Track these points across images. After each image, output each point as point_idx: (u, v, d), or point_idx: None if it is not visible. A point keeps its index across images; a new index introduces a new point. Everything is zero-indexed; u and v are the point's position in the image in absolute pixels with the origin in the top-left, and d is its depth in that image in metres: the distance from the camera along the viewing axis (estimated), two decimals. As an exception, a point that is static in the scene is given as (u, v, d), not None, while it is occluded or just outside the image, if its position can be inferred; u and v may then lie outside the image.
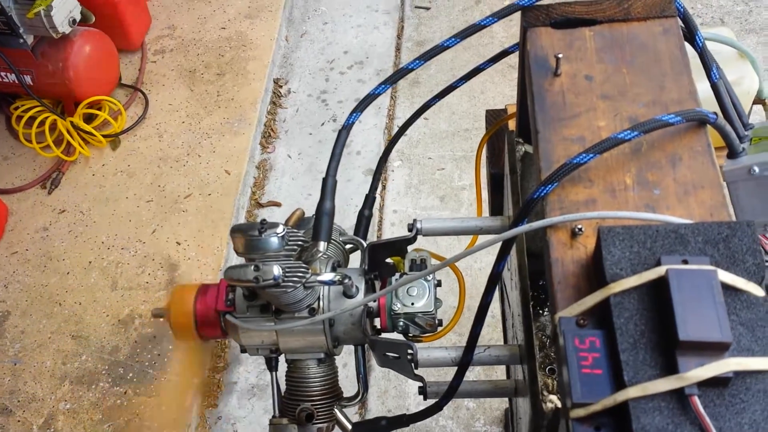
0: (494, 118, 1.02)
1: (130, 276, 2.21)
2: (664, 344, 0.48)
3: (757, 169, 0.66)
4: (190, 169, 2.47)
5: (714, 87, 0.71)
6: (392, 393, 2.07)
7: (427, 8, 3.10)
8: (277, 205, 2.48)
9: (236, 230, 0.69)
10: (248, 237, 0.68)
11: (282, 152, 2.65)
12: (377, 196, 2.50)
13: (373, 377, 2.10)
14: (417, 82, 2.84)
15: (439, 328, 0.79)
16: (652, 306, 0.50)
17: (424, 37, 2.99)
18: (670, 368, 0.47)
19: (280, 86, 2.83)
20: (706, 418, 0.45)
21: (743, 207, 0.70)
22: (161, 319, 0.77)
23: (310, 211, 0.79)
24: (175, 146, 2.53)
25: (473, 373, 1.96)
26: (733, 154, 0.69)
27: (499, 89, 2.68)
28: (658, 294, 0.50)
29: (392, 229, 2.44)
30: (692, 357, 0.47)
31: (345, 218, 2.44)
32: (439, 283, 0.81)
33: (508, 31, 2.77)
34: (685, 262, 0.51)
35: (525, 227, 0.59)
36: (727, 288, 0.50)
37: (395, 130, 2.72)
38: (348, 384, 2.03)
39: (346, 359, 1.86)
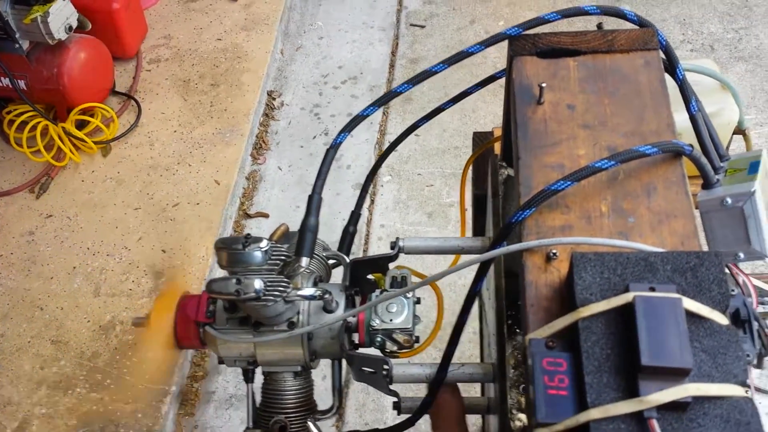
0: (481, 140, 1.03)
1: (114, 283, 2.21)
2: (628, 368, 0.50)
3: (729, 200, 0.68)
4: (180, 178, 2.48)
5: (692, 119, 0.73)
6: (370, 406, 2.08)
7: (422, 26, 3.13)
8: (265, 216, 2.49)
9: (220, 244, 0.70)
10: (231, 250, 0.69)
11: (273, 164, 2.67)
12: (365, 210, 2.52)
13: (351, 390, 2.10)
14: (409, 99, 2.86)
15: (417, 345, 0.80)
16: (619, 331, 0.52)
17: (418, 54, 3.02)
18: (631, 392, 0.49)
19: (274, 99, 2.85)
20: (666, 442, 0.46)
21: (715, 237, 0.71)
22: (141, 328, 0.78)
23: (297, 224, 0.80)
24: (165, 155, 2.54)
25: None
26: (707, 184, 0.71)
27: (490, 108, 2.71)
28: (625, 319, 0.52)
29: (379, 243, 2.45)
30: (653, 381, 0.48)
31: (332, 231, 2.45)
32: (418, 301, 0.82)
33: (500, 52, 2.79)
34: (653, 289, 0.52)
35: (501, 250, 0.61)
36: (691, 315, 0.52)
37: (386, 145, 2.74)
38: (327, 396, 2.04)
39: (326, 371, 1.87)
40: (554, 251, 0.60)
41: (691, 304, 0.52)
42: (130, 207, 2.41)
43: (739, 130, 1.01)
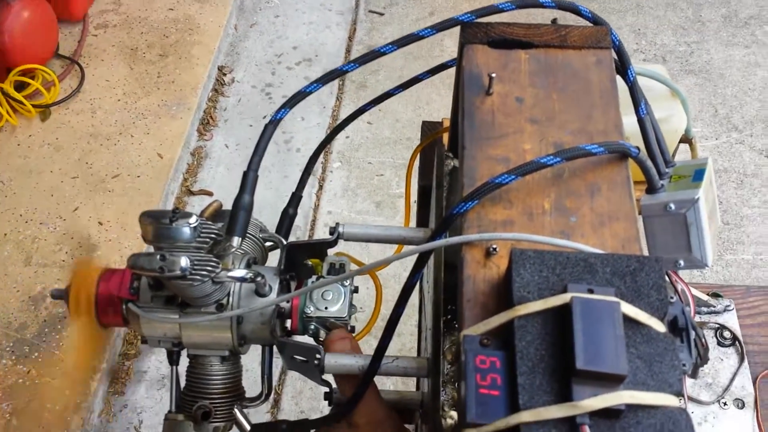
0: (429, 129, 1.01)
1: (46, 252, 2.13)
2: (562, 371, 0.48)
3: (673, 206, 0.68)
4: (121, 148, 2.40)
5: (641, 122, 0.72)
6: (307, 394, 2.05)
7: (381, 14, 3.10)
8: (209, 194, 2.43)
9: (146, 216, 0.66)
10: (158, 224, 0.65)
11: (219, 141, 2.61)
12: (313, 195, 2.49)
13: (288, 377, 2.08)
14: (364, 86, 2.83)
15: (352, 335, 0.78)
16: (555, 332, 0.50)
17: (375, 41, 2.99)
18: (564, 396, 0.47)
19: (224, 74, 2.78)
20: (595, 448, 0.45)
21: (657, 242, 0.71)
22: (60, 300, 0.74)
23: None
24: (107, 124, 2.46)
25: (391, 382, 1.96)
26: (651, 189, 0.70)
27: (445, 101, 2.70)
28: (562, 321, 0.50)
29: (325, 230, 2.42)
30: (587, 386, 0.47)
31: (279, 215, 2.41)
32: (356, 290, 0.80)
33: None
34: (591, 291, 0.51)
35: (440, 242, 0.59)
36: (629, 320, 0.51)
37: (337, 131, 2.70)
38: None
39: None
40: (494, 246, 0.58)
41: (629, 309, 0.51)
42: (68, 175, 2.32)
43: (686, 139, 1.01)
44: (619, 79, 0.72)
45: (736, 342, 1.00)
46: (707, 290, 1.05)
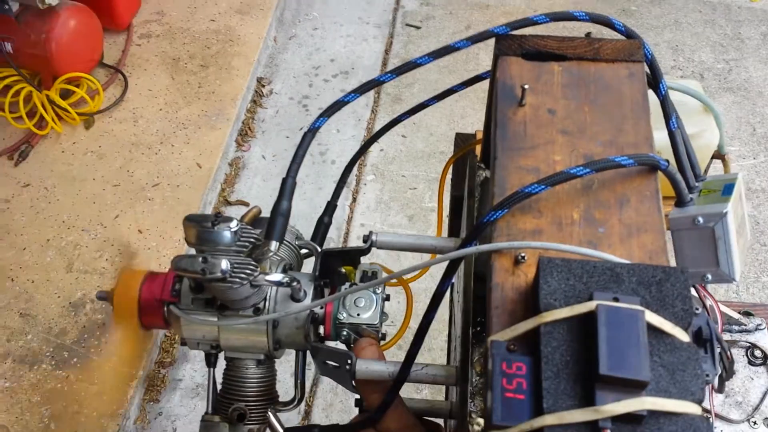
0: (463, 141, 1.03)
1: (87, 259, 2.19)
2: (586, 377, 0.49)
3: (701, 219, 0.68)
4: (162, 158, 2.46)
5: (671, 135, 0.73)
6: (338, 407, 2.07)
7: (418, 27, 3.13)
8: (246, 204, 2.47)
9: (189, 220, 0.69)
10: (200, 228, 0.68)
11: (257, 152, 2.65)
12: (346, 208, 2.52)
13: (320, 389, 2.10)
14: (399, 99, 2.86)
15: (383, 342, 0.80)
16: (580, 339, 0.51)
17: (411, 54, 3.02)
18: (588, 400, 0.48)
19: (263, 86, 2.83)
20: (618, 452, 0.46)
21: (685, 256, 0.71)
22: (105, 302, 0.77)
23: None
24: (149, 133, 2.52)
25: (420, 392, 1.97)
26: (680, 202, 0.71)
27: (479, 115, 2.71)
28: (587, 328, 0.51)
29: (358, 242, 2.44)
30: (610, 392, 0.48)
31: (313, 225, 2.45)
32: (387, 298, 0.82)
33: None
34: (616, 299, 0.52)
35: (470, 249, 0.60)
36: (653, 329, 0.52)
37: (373, 145, 2.73)
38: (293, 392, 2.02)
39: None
40: (523, 254, 0.60)
41: (653, 318, 0.52)
42: (109, 183, 2.38)
43: (719, 155, 1.01)
44: (651, 93, 0.73)
45: (767, 361, 1.00)
46: (739, 308, 1.04)
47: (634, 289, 0.54)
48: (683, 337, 0.52)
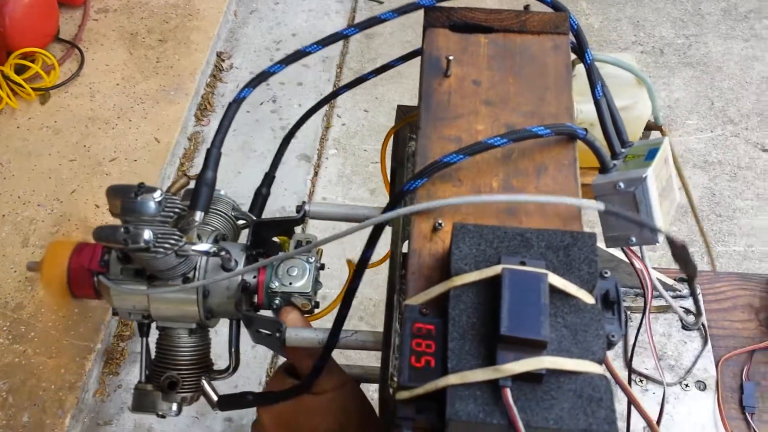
0: (404, 113, 1.03)
1: (44, 234, 2.17)
2: (489, 338, 0.51)
3: (622, 185, 0.69)
4: (119, 132, 2.43)
5: (596, 103, 0.74)
6: (296, 377, 2.08)
7: (380, 2, 3.11)
8: (194, 178, 2.46)
9: (113, 190, 0.69)
10: (124, 198, 0.68)
11: (216, 126, 2.63)
12: (308, 181, 2.51)
13: (281, 360, 2.11)
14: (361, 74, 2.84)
15: (316, 311, 0.81)
16: (487, 302, 0.53)
17: (373, 30, 3.00)
18: (490, 360, 0.50)
19: (223, 60, 2.81)
20: (514, 409, 0.47)
21: (608, 221, 0.73)
22: (34, 273, 0.77)
23: (239, 189, 0.80)
24: (106, 108, 2.49)
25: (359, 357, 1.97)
26: (603, 169, 0.72)
27: (441, 90, 2.72)
28: (493, 291, 0.53)
29: (319, 216, 2.45)
30: (511, 352, 0.49)
31: (274, 200, 2.45)
32: (322, 267, 0.82)
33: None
34: (523, 263, 0.53)
35: (387, 215, 0.61)
36: (558, 292, 0.53)
37: (335, 119, 2.73)
38: (254, 363, 2.03)
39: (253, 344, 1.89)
40: (440, 222, 0.61)
41: (557, 281, 0.53)
42: (66, 158, 2.35)
43: (656, 126, 1.03)
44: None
45: (701, 326, 1.03)
46: (675, 275, 1.07)
47: (543, 253, 0.56)
48: (588, 299, 0.54)
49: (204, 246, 0.72)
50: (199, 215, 0.71)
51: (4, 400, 1.86)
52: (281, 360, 0.76)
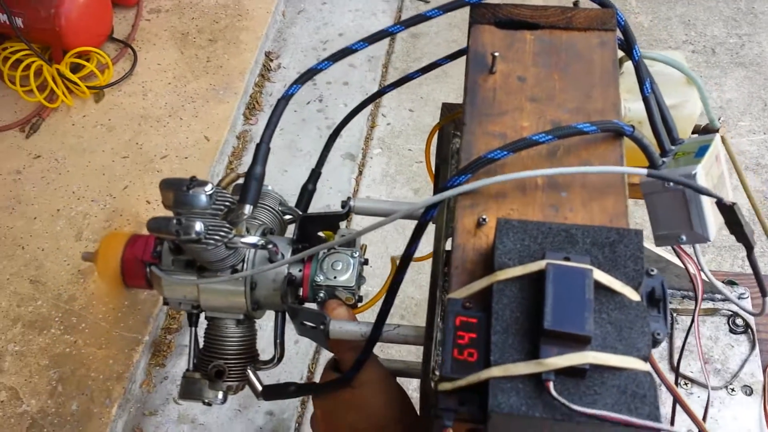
0: (449, 111, 1.04)
1: (96, 228, 2.23)
2: (533, 332, 0.51)
3: (671, 182, 0.69)
4: (170, 130, 2.48)
5: (645, 100, 0.74)
6: (339, 373, 2.10)
7: (427, 1, 3.12)
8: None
9: (166, 183, 0.71)
10: (176, 191, 0.70)
11: (264, 125, 2.67)
12: (353, 180, 2.53)
13: (323, 355, 2.13)
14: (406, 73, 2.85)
15: (360, 305, 0.82)
16: (530, 296, 0.53)
17: (419, 29, 3.01)
18: (533, 354, 0.50)
19: (271, 60, 2.84)
20: (561, 399, 0.48)
21: (658, 218, 0.72)
22: (89, 262, 0.80)
23: (284, 187, 0.81)
24: (157, 106, 2.55)
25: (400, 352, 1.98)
26: (652, 166, 0.71)
27: (486, 90, 2.71)
28: (537, 286, 0.53)
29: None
30: (554, 346, 0.50)
31: (319, 198, 2.47)
32: (366, 262, 0.84)
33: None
34: (567, 259, 0.53)
35: (434, 198, 0.61)
36: (603, 288, 0.53)
37: (380, 118, 2.74)
38: (296, 358, 2.06)
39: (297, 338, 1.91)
40: (484, 217, 0.61)
41: (602, 277, 0.53)
42: (119, 155, 2.41)
43: (712, 128, 1.00)
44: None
45: (748, 330, 1.01)
46: (723, 277, 1.05)
47: (588, 249, 0.56)
48: (633, 296, 0.54)
49: (252, 239, 0.73)
50: (248, 209, 0.73)
51: (54, 389, 1.92)
52: (323, 356, 0.77)
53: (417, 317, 2.26)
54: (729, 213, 0.63)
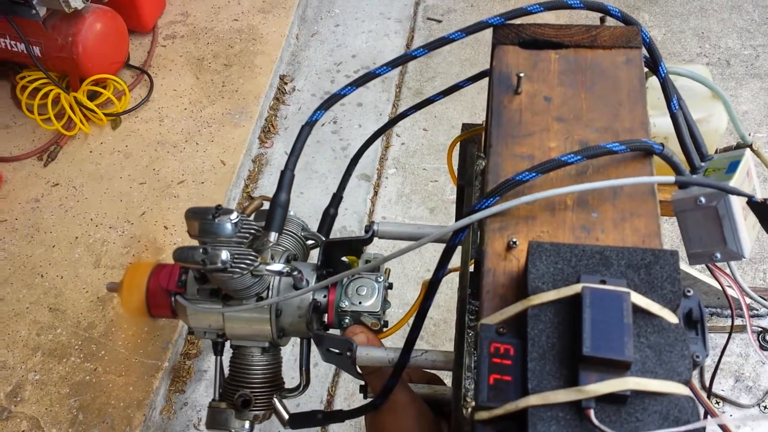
0: (468, 130, 1.03)
1: (115, 255, 2.23)
2: (571, 358, 0.50)
3: (703, 199, 0.67)
4: (187, 155, 2.49)
5: (673, 116, 0.72)
6: (359, 396, 2.08)
7: (439, 21, 3.13)
8: (269, 200, 2.49)
9: (191, 213, 0.70)
10: (202, 220, 0.69)
11: (280, 148, 2.68)
12: (368, 201, 2.53)
13: (342, 380, 2.12)
14: (420, 93, 2.86)
15: (385, 329, 0.81)
16: (566, 321, 0.52)
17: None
18: (572, 381, 0.49)
19: (286, 83, 2.86)
20: (603, 427, 0.46)
21: (691, 236, 0.70)
22: (114, 293, 0.79)
23: (300, 210, 0.81)
24: (174, 132, 2.56)
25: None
26: (683, 186, 0.70)
27: (501, 108, 2.70)
28: (573, 310, 0.52)
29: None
30: (594, 372, 0.48)
31: (340, 220, 2.47)
32: (390, 286, 0.83)
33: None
34: (603, 282, 0.52)
35: (463, 222, 0.60)
36: (641, 311, 0.52)
37: (394, 138, 2.74)
38: (315, 382, 2.04)
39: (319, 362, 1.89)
40: (515, 240, 0.60)
41: (640, 300, 0.52)
42: (136, 181, 2.43)
43: (744, 144, 0.99)
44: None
45: (782, 346, 0.99)
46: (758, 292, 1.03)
47: (623, 272, 0.54)
48: (671, 318, 0.53)
49: (278, 266, 0.73)
50: (273, 236, 0.72)
51: (75, 417, 1.91)
52: (343, 380, 0.75)
53: (436, 337, 2.24)
54: (763, 209, 0.62)
